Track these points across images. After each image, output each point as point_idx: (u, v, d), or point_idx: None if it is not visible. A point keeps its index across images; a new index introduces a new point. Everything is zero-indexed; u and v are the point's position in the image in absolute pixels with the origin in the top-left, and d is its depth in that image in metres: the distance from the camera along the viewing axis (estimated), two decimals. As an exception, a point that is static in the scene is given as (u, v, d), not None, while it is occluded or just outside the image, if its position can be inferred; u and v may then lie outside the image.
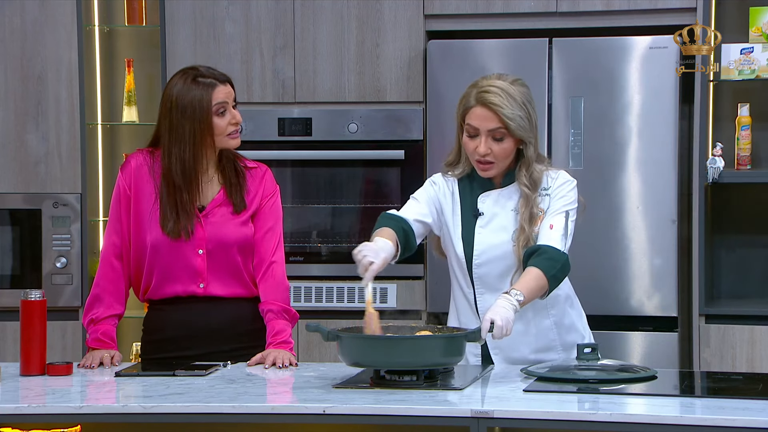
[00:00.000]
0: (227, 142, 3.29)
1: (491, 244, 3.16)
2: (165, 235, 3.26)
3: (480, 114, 3.12)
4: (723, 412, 2.57)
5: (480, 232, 3.17)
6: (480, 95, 3.12)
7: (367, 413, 2.66)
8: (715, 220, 4.69)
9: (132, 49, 4.99)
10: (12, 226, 4.76)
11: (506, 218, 3.17)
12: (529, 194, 3.14)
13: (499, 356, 3.19)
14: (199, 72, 3.27)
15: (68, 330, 4.70)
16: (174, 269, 3.27)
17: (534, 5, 4.58)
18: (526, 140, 3.13)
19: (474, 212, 3.18)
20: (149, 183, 3.30)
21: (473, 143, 3.13)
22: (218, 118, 3.26)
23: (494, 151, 3.12)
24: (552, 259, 3.06)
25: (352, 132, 4.68)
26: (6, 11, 4.71)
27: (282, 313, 3.30)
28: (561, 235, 3.11)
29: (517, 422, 2.62)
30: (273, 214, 3.36)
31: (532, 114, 3.14)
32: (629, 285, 4.48)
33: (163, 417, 2.69)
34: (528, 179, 3.15)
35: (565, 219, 3.13)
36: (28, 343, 3.07)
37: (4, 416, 2.71)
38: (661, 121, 4.46)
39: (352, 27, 4.67)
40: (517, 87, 3.13)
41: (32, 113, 4.73)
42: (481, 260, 3.17)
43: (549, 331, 3.20)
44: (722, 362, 4.38)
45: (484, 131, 3.11)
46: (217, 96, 3.25)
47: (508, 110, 3.09)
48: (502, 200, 3.18)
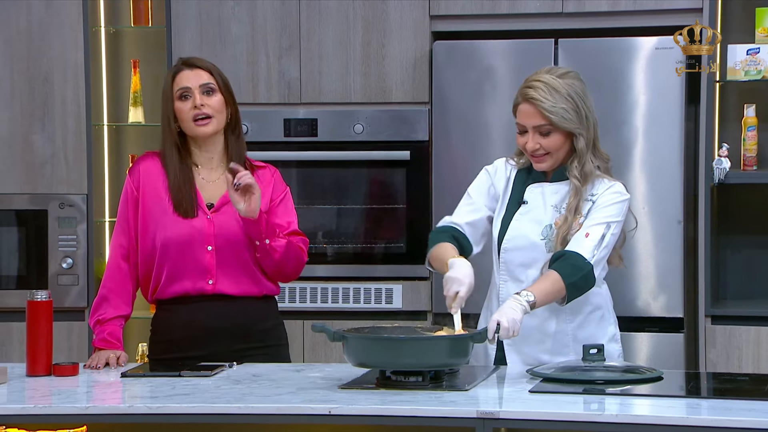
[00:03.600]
0: (193, 128, 3.31)
1: (522, 232, 3.17)
2: (175, 233, 3.26)
3: (524, 110, 3.14)
4: (729, 413, 2.57)
5: (517, 219, 3.19)
6: (523, 91, 3.15)
7: (372, 414, 2.66)
8: (721, 220, 4.69)
9: (138, 50, 5.00)
10: (18, 227, 4.76)
11: (544, 212, 3.17)
12: (578, 186, 3.14)
13: (514, 357, 3.19)
14: (179, 60, 3.36)
15: (74, 330, 4.71)
16: (183, 266, 3.28)
17: (540, 6, 4.58)
18: (575, 132, 3.13)
19: (520, 200, 3.20)
20: (159, 183, 3.31)
21: (523, 139, 3.16)
22: (180, 103, 3.30)
23: (543, 146, 3.14)
24: (575, 266, 3.05)
25: (357, 133, 4.68)
26: (12, 12, 4.71)
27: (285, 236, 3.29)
28: (593, 246, 3.08)
29: (522, 423, 2.62)
30: (287, 213, 3.37)
31: (581, 106, 3.13)
32: (635, 286, 4.47)
33: (169, 418, 2.69)
34: (579, 171, 3.14)
35: (604, 230, 3.10)
36: (35, 343, 3.07)
37: (10, 416, 2.71)
38: (667, 121, 4.45)
39: (358, 28, 4.67)
40: (564, 80, 3.13)
41: (38, 114, 4.73)
42: (509, 245, 3.18)
43: (564, 335, 3.19)
44: (728, 363, 4.37)
45: (530, 127, 3.14)
46: (179, 81, 3.31)
47: (549, 104, 3.09)
48: (547, 194, 3.19)
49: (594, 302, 3.21)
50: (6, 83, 4.73)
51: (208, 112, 3.29)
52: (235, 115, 3.37)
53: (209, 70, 3.33)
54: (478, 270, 3.07)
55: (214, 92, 3.31)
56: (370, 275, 4.69)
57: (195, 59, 3.36)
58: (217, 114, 3.30)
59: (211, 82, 3.31)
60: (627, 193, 3.19)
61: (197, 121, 3.29)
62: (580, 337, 3.17)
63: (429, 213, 4.62)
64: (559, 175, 3.19)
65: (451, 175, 4.51)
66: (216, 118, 3.30)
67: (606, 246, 3.11)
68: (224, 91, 3.33)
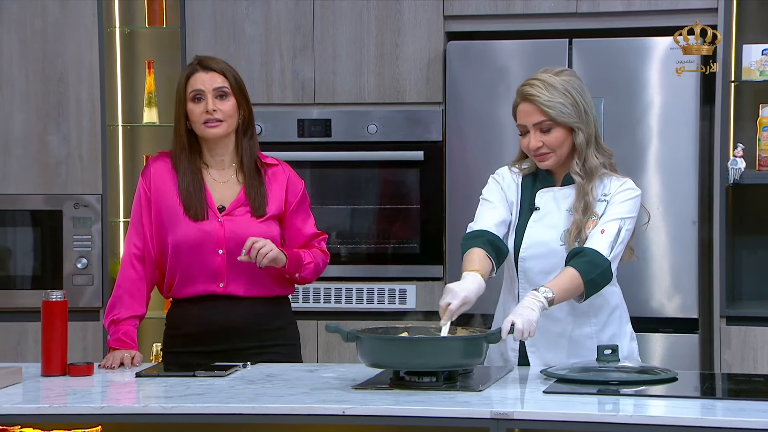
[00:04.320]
0: (203, 130, 3.31)
1: (539, 240, 3.16)
2: (186, 236, 3.27)
3: (523, 109, 3.15)
4: (744, 414, 2.56)
5: (532, 226, 3.18)
6: (520, 90, 3.16)
7: (386, 414, 2.66)
8: (736, 221, 4.67)
9: (152, 51, 5.01)
10: (33, 227, 4.78)
11: (559, 217, 3.16)
12: (582, 183, 3.13)
13: (535, 356, 3.18)
14: (195, 59, 3.36)
15: (89, 330, 4.72)
16: (195, 270, 3.29)
17: (554, 6, 4.57)
18: (574, 127, 3.13)
19: (531, 206, 3.19)
20: (170, 184, 3.31)
21: (526, 140, 3.16)
22: (192, 104, 3.30)
23: (546, 143, 3.14)
24: (592, 263, 3.04)
25: (371, 133, 4.68)
26: (27, 13, 4.73)
27: (304, 252, 3.32)
28: (609, 242, 3.07)
29: (536, 424, 2.61)
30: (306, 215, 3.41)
31: (579, 101, 3.13)
32: (650, 286, 4.46)
33: (184, 417, 2.70)
34: (580, 168, 3.14)
35: (618, 227, 3.10)
36: (50, 343, 3.08)
37: (25, 416, 2.72)
38: (681, 122, 4.44)
39: (372, 28, 4.67)
40: (560, 77, 3.14)
41: (53, 114, 4.75)
42: (527, 254, 3.16)
43: (588, 339, 3.18)
44: (743, 364, 4.36)
45: (531, 126, 3.14)
46: (193, 83, 3.31)
47: (545, 98, 3.10)
48: (558, 198, 3.18)
49: (612, 302, 3.21)
50: (21, 84, 4.74)
51: (219, 117, 3.29)
52: (248, 116, 3.37)
53: (223, 73, 3.32)
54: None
55: (227, 96, 3.31)
56: (384, 275, 4.70)
57: (210, 60, 3.35)
58: (228, 118, 3.31)
59: (224, 86, 3.31)
60: (638, 189, 3.19)
61: (207, 123, 3.29)
62: (603, 338, 3.17)
63: (442, 213, 4.62)
64: (569, 178, 3.18)
65: (464, 175, 4.51)
66: (227, 121, 3.31)
67: (621, 242, 3.11)
68: (237, 94, 3.33)
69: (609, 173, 3.17)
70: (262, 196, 3.32)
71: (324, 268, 3.42)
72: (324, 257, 3.41)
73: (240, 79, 3.36)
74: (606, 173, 3.17)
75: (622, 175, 3.19)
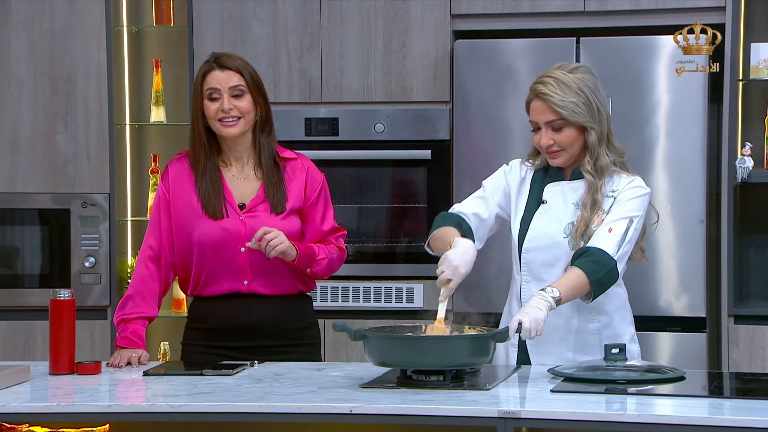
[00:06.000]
0: (219, 128, 3.31)
1: (543, 232, 3.16)
2: (208, 235, 3.27)
3: (536, 107, 3.15)
4: (752, 413, 2.56)
5: (537, 218, 3.18)
6: (534, 87, 3.16)
7: (393, 413, 2.66)
8: (743, 220, 4.66)
9: (160, 50, 5.01)
10: (41, 226, 4.79)
11: (565, 210, 3.16)
12: (593, 182, 3.13)
13: (537, 355, 3.18)
14: (212, 56, 3.35)
15: (97, 329, 4.73)
16: (219, 268, 3.30)
17: (561, 5, 4.57)
18: (587, 126, 3.12)
19: (539, 200, 3.20)
20: (189, 184, 3.31)
21: (537, 137, 3.16)
22: (209, 102, 3.30)
23: (557, 141, 3.14)
24: (598, 262, 3.03)
25: (378, 132, 4.68)
26: (35, 12, 4.74)
27: (318, 247, 3.32)
28: (617, 241, 3.06)
29: (544, 423, 2.61)
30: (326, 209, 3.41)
31: (592, 99, 3.12)
32: (657, 285, 4.46)
33: (191, 416, 2.70)
34: (592, 166, 3.14)
35: (626, 225, 3.09)
36: (57, 342, 3.09)
37: (33, 415, 2.73)
38: (689, 120, 4.43)
39: (379, 27, 4.67)
40: (575, 74, 3.13)
41: (61, 113, 4.75)
42: (530, 246, 3.17)
43: (591, 336, 3.18)
44: (751, 363, 4.35)
45: (543, 124, 3.14)
46: (209, 81, 3.31)
47: (558, 98, 3.10)
48: (566, 192, 3.18)
49: (616, 302, 3.20)
50: (29, 83, 4.75)
51: (235, 114, 3.30)
52: (265, 113, 3.37)
53: (239, 71, 3.31)
54: (499, 271, 3.07)
55: (243, 94, 3.31)
56: (391, 274, 4.70)
57: (226, 58, 3.34)
58: (244, 115, 3.31)
59: (240, 84, 3.31)
60: (647, 187, 3.18)
61: (223, 121, 3.30)
62: (604, 336, 3.16)
63: (450, 212, 4.61)
64: (578, 173, 3.18)
65: (472, 174, 4.50)
66: (243, 119, 3.31)
67: (629, 241, 3.10)
68: (254, 91, 3.33)
69: (619, 171, 3.17)
70: (281, 193, 3.33)
71: (339, 266, 3.41)
72: (340, 254, 3.40)
73: (257, 77, 3.35)
74: (616, 170, 3.16)
75: (632, 174, 3.19)
